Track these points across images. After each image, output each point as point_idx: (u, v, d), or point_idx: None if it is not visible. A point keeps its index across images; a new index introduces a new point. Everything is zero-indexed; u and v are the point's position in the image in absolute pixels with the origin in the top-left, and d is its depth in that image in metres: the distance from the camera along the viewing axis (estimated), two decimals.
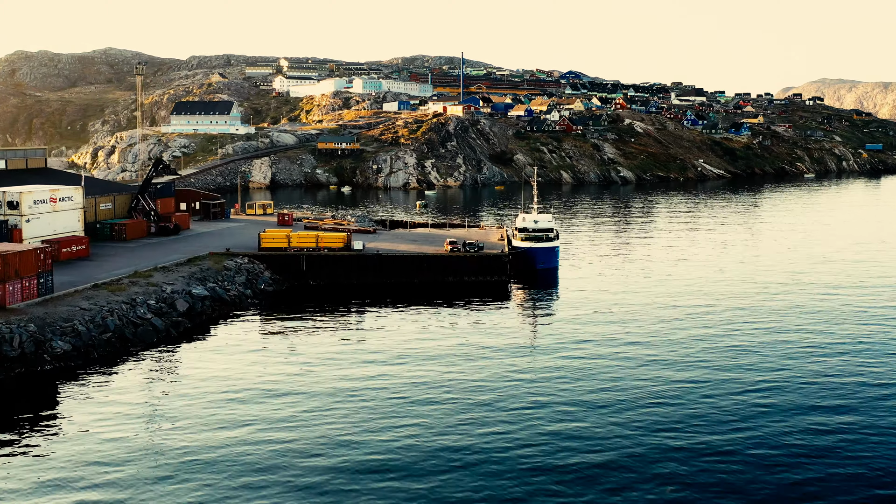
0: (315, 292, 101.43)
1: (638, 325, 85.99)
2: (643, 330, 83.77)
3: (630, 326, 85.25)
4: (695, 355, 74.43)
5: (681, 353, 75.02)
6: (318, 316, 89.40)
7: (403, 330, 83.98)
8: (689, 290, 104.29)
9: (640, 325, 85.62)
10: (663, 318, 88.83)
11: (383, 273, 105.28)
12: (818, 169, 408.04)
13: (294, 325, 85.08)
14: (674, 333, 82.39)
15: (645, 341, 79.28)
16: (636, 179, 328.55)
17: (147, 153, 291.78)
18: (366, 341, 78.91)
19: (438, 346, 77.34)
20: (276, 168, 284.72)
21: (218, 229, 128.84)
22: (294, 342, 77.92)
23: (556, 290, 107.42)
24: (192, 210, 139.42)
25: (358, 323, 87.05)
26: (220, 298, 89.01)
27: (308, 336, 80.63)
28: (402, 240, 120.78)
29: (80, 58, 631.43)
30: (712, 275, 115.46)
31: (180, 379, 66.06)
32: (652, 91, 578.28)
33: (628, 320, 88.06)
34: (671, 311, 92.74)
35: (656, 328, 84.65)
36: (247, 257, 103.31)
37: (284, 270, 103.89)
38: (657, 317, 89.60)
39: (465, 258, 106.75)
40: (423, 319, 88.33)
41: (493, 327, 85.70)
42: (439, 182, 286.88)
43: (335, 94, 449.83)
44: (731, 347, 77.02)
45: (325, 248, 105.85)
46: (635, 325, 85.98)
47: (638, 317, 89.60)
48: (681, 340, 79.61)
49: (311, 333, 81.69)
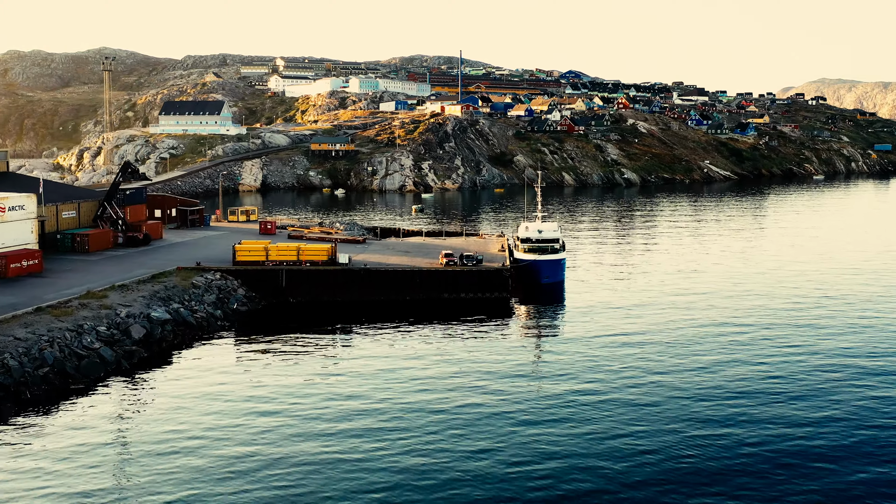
0: (295, 311, 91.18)
1: (654, 347, 76.81)
2: (660, 354, 74.53)
3: (645, 349, 76.11)
4: (718, 383, 65.38)
5: (702, 381, 66.06)
6: (296, 339, 79.19)
7: (393, 354, 74.42)
8: (706, 306, 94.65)
9: (657, 348, 76.36)
10: (680, 340, 79.76)
11: (371, 289, 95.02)
12: (827, 170, 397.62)
13: (268, 350, 74.85)
14: (693, 358, 73.04)
15: (662, 367, 70.10)
16: (640, 181, 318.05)
17: (134, 154, 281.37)
18: (349, 368, 69.21)
19: (432, 373, 68.07)
20: (268, 170, 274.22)
21: (194, 239, 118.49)
22: (266, 372, 67.70)
23: (562, 308, 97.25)
24: (167, 217, 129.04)
25: (341, 347, 76.99)
26: (183, 322, 78.63)
27: (283, 363, 70.48)
28: (393, 251, 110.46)
29: (73, 57, 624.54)
30: (729, 287, 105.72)
31: (127, 422, 55.71)
32: (653, 91, 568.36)
33: (642, 342, 78.87)
34: (688, 330, 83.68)
35: (673, 351, 75.49)
36: (219, 272, 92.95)
37: (261, 287, 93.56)
38: (673, 337, 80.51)
39: (463, 273, 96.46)
40: (415, 342, 78.41)
41: (493, 351, 76.19)
42: (437, 184, 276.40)
43: (331, 93, 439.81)
44: (762, 376, 67.32)
45: (306, 262, 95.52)
46: (650, 347, 76.84)
47: (653, 337, 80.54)
48: (702, 366, 70.43)
49: (286, 360, 71.53)
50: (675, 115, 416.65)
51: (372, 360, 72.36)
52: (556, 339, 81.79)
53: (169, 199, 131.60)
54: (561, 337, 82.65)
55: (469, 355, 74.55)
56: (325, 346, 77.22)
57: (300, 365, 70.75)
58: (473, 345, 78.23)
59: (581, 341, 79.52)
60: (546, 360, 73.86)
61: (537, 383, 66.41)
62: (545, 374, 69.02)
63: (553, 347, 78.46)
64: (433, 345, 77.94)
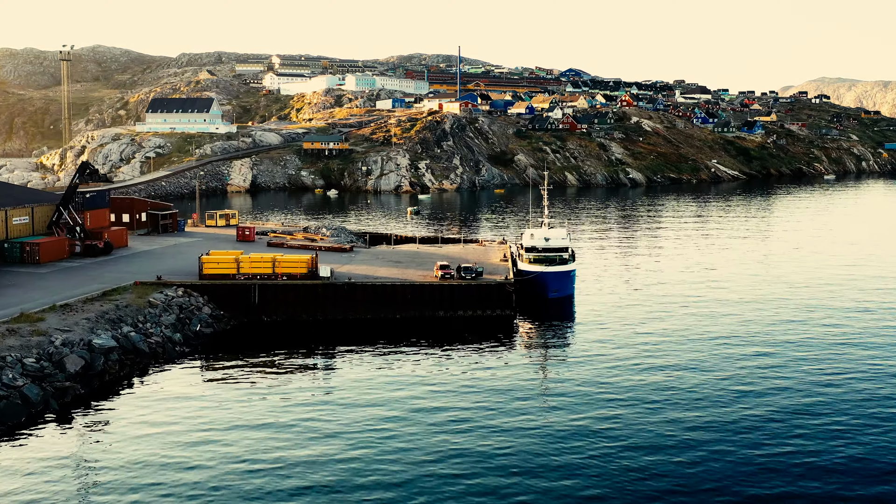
0: (269, 332, 79.87)
1: (676, 372, 67.08)
2: (682, 379, 65.01)
3: (667, 375, 66.31)
4: (747, 415, 56.95)
5: (728, 412, 57.74)
6: (268, 365, 68.11)
7: (380, 382, 64.01)
8: (731, 322, 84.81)
9: (679, 373, 66.64)
10: (704, 361, 70.33)
11: (357, 307, 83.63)
12: (837, 170, 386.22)
13: (233, 379, 63.71)
14: (719, 386, 63.33)
15: (686, 397, 60.83)
16: (646, 181, 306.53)
17: (119, 154, 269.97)
18: (330, 399, 59.28)
19: (425, 403, 58.90)
20: (258, 170, 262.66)
21: (163, 247, 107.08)
22: (228, 406, 56.77)
23: (571, 326, 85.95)
24: (136, 222, 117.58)
25: (321, 373, 66.28)
26: (133, 349, 67.23)
27: (250, 395, 59.73)
28: (382, 261, 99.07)
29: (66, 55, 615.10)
30: (754, 299, 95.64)
31: (45, 477, 44.34)
32: (655, 89, 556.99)
33: (663, 365, 69.26)
34: (713, 349, 74.11)
35: (697, 376, 65.84)
36: (182, 288, 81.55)
37: (231, 304, 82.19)
38: (697, 359, 71.07)
39: (460, 287, 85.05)
40: (406, 367, 67.76)
41: (494, 377, 65.91)
42: (434, 185, 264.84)
43: (327, 91, 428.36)
44: (794, 412, 57.40)
45: (283, 276, 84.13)
46: (672, 371, 67.16)
47: (675, 360, 70.83)
48: (730, 397, 60.90)
49: (254, 391, 60.66)
50: (679, 113, 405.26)
51: (356, 389, 62.07)
52: (565, 364, 70.47)
53: (138, 202, 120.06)
54: (572, 361, 71.35)
55: (468, 383, 64.14)
56: (302, 374, 66.07)
57: (270, 397, 59.58)
58: (473, 371, 67.32)
59: (595, 365, 69.02)
60: (555, 388, 63.22)
61: (545, 417, 56.46)
62: (555, 406, 58.78)
63: (563, 373, 67.25)
64: (427, 371, 67.15)
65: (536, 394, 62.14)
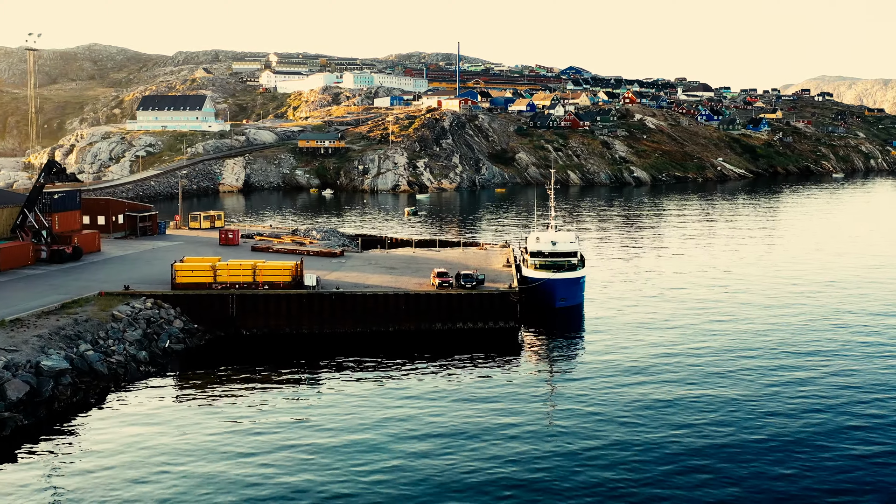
0: (248, 348, 72.20)
1: (697, 391, 60.27)
2: (705, 401, 58.24)
3: (686, 390, 60.08)
4: (773, 436, 51.08)
5: (752, 436, 51.47)
6: (245, 385, 60.79)
7: (370, 402, 56.99)
8: (751, 331, 77.85)
9: (701, 393, 59.65)
10: (726, 377, 63.77)
11: (345, 319, 75.88)
12: (845, 167, 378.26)
13: (204, 403, 56.33)
14: (742, 406, 56.85)
15: (708, 418, 54.45)
16: (651, 180, 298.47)
17: (108, 152, 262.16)
18: (315, 423, 52.12)
19: (420, 425, 52.70)
20: (251, 169, 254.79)
21: (139, 251, 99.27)
22: (197, 435, 49.09)
23: (581, 338, 78.25)
24: (112, 225, 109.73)
25: (305, 393, 59.11)
26: (90, 370, 59.46)
27: (223, 420, 52.46)
28: (375, 267, 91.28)
29: (62, 54, 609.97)
30: (775, 303, 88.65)
31: None
32: (657, 87, 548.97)
33: (682, 381, 62.56)
34: (734, 363, 67.54)
35: (719, 394, 59.82)
36: (152, 298, 73.76)
37: (206, 316, 74.41)
38: (718, 373, 64.80)
39: (460, 297, 77.26)
40: (399, 386, 60.75)
41: (496, 396, 58.97)
42: (433, 184, 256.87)
43: (324, 89, 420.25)
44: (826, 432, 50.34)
45: (264, 284, 76.35)
46: (692, 388, 60.60)
47: (695, 376, 64.16)
48: (755, 417, 54.85)
49: (229, 415, 53.47)
50: (683, 111, 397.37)
51: (343, 412, 54.94)
52: (576, 382, 62.84)
53: (114, 202, 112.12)
54: (582, 379, 63.76)
55: (468, 403, 56.96)
56: (284, 395, 58.63)
57: (246, 422, 52.23)
58: (473, 389, 60.13)
59: (609, 383, 62.21)
60: (565, 408, 56.22)
61: (553, 441, 49.82)
62: (564, 429, 51.59)
63: (573, 392, 59.84)
64: (422, 390, 60.03)
65: (543, 414, 54.82)
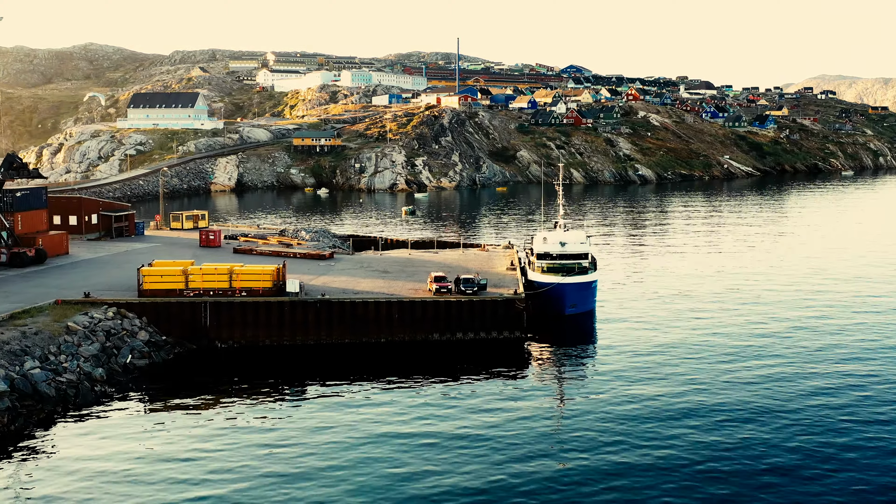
0: (222, 362, 64.41)
1: (722, 409, 53.33)
2: (730, 418, 51.56)
3: (711, 408, 53.16)
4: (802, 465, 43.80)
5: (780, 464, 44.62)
6: (218, 406, 53.08)
7: (358, 424, 49.60)
8: (778, 339, 70.34)
9: (726, 410, 52.88)
10: (753, 393, 56.51)
11: (331, 329, 68.03)
12: (854, 165, 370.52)
13: (168, 428, 48.52)
14: (772, 427, 49.67)
15: (733, 441, 47.45)
16: (657, 178, 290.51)
17: (97, 151, 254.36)
18: (295, 449, 44.73)
19: (415, 449, 46.13)
20: (244, 168, 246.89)
21: (111, 254, 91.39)
22: (154, 471, 41.28)
23: (593, 349, 70.48)
24: (85, 225, 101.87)
25: (286, 414, 51.15)
26: (34, 393, 51.61)
27: (189, 448, 44.73)
28: (367, 270, 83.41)
29: (57, 53, 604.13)
30: (801, 304, 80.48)
31: None
32: (659, 85, 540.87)
33: (706, 393, 55.84)
34: (762, 377, 60.16)
35: (745, 411, 52.70)
36: (115, 307, 65.89)
37: (176, 327, 66.57)
38: (745, 389, 57.29)
39: (460, 304, 69.40)
40: (392, 404, 53.42)
41: (501, 414, 51.63)
42: (432, 183, 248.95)
43: (322, 87, 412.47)
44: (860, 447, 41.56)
45: (241, 291, 68.50)
46: (717, 407, 53.48)
47: (720, 391, 57.05)
48: (782, 440, 47.59)
49: (196, 441, 45.71)
50: (687, 108, 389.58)
51: (328, 435, 47.79)
52: (588, 399, 55.25)
53: (87, 201, 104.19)
54: (596, 395, 56.29)
55: (469, 422, 49.65)
56: (262, 415, 51.13)
57: (216, 449, 44.18)
58: (475, 407, 52.67)
59: (624, 400, 54.79)
60: (576, 428, 49.34)
61: (563, 463, 43.84)
62: (575, 449, 44.55)
63: (585, 409, 52.43)
64: (418, 410, 52.72)
65: (552, 434, 47.48)
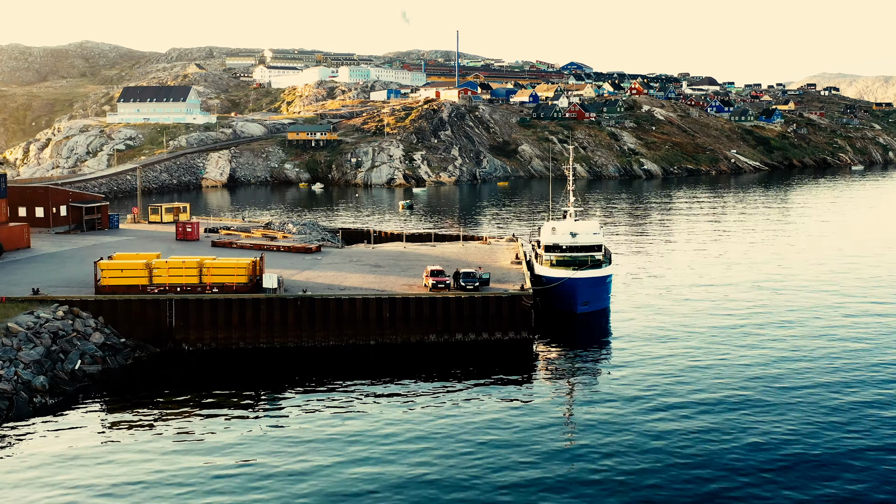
0: (189, 368, 56.53)
1: (747, 413, 46.63)
2: (755, 425, 44.84)
3: (733, 412, 46.40)
4: None
5: None
6: (182, 419, 45.22)
7: (343, 438, 41.99)
8: (805, 334, 63.45)
9: (751, 417, 46.13)
10: (777, 396, 49.78)
11: (314, 330, 60.12)
12: (863, 160, 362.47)
13: (120, 448, 40.52)
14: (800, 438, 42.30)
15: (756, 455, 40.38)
16: (662, 173, 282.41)
17: (85, 146, 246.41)
18: (269, 471, 37.17)
19: (407, 466, 39.33)
20: (237, 163, 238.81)
21: (77, 248, 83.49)
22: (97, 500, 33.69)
23: (608, 351, 62.60)
24: (53, 217, 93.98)
25: (260, 427, 43.55)
26: None
27: (141, 470, 36.41)
28: (356, 264, 75.48)
29: (52, 51, 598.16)
30: (826, 299, 71.41)
31: None
32: (661, 81, 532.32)
33: (729, 399, 49.13)
34: (788, 379, 53.43)
35: (778, 422, 45.38)
36: (67, 305, 57.97)
37: (137, 328, 58.70)
38: (769, 388, 51.06)
39: (459, 301, 61.46)
40: (382, 415, 45.74)
41: (505, 427, 44.59)
42: (431, 178, 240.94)
43: (319, 83, 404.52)
44: None
45: (213, 287, 60.58)
46: (739, 408, 46.74)
47: (743, 394, 50.45)
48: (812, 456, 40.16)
49: (150, 464, 37.70)
50: (692, 102, 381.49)
51: (308, 451, 40.49)
52: (603, 408, 47.50)
53: (55, 192, 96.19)
54: (612, 403, 48.55)
55: (468, 436, 42.45)
56: (233, 429, 43.18)
57: (178, 470, 36.13)
58: (476, 419, 45.11)
59: (647, 409, 47.20)
60: (590, 440, 41.72)
61: (579, 490, 36.09)
62: (592, 475, 35.63)
63: (600, 419, 44.66)
64: (411, 422, 45.13)
65: (562, 448, 39.82)
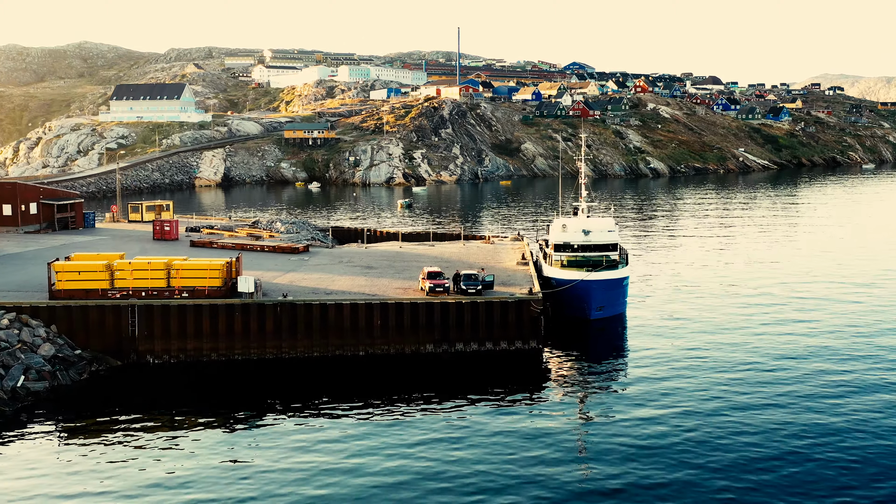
0: (154, 383, 49.73)
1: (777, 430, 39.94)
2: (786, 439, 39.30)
3: (765, 430, 39.84)
4: None
5: None
6: (142, 442, 38.77)
7: (327, 460, 35.52)
8: (833, 342, 56.92)
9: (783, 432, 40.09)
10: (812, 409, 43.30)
11: (296, 339, 53.28)
12: (873, 158, 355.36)
13: (69, 482, 33.91)
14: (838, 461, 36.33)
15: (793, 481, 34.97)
16: (669, 171, 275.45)
17: (76, 145, 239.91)
18: (245, 494, 30.13)
19: (399, 492, 34.47)
20: (231, 161, 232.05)
21: (43, 248, 76.70)
22: None
23: (625, 362, 55.74)
24: (21, 215, 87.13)
25: (234, 452, 36.43)
26: None
27: None
28: (347, 266, 68.63)
29: (50, 52, 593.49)
30: (857, 305, 64.68)
31: None
32: (665, 80, 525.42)
33: (759, 413, 42.32)
34: (822, 390, 47.52)
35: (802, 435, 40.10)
36: (14, 312, 51.15)
37: (95, 338, 51.87)
38: (799, 404, 44.94)
39: (459, 306, 54.61)
40: (372, 435, 39.36)
41: (510, 446, 39.00)
42: (431, 177, 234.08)
43: (318, 83, 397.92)
44: None
45: (182, 291, 53.75)
46: (770, 428, 40.06)
47: (775, 408, 43.92)
48: None
49: (108, 495, 30.73)
50: (698, 101, 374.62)
51: (286, 478, 34.14)
52: (620, 424, 40.58)
53: (24, 188, 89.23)
54: (630, 419, 41.74)
55: (469, 455, 36.60)
56: (203, 451, 36.08)
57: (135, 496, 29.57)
58: (478, 438, 38.63)
59: (671, 426, 40.38)
60: (605, 461, 34.88)
61: None
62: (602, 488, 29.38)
63: (616, 438, 37.91)
64: (404, 443, 38.46)
65: (573, 465, 32.63)
